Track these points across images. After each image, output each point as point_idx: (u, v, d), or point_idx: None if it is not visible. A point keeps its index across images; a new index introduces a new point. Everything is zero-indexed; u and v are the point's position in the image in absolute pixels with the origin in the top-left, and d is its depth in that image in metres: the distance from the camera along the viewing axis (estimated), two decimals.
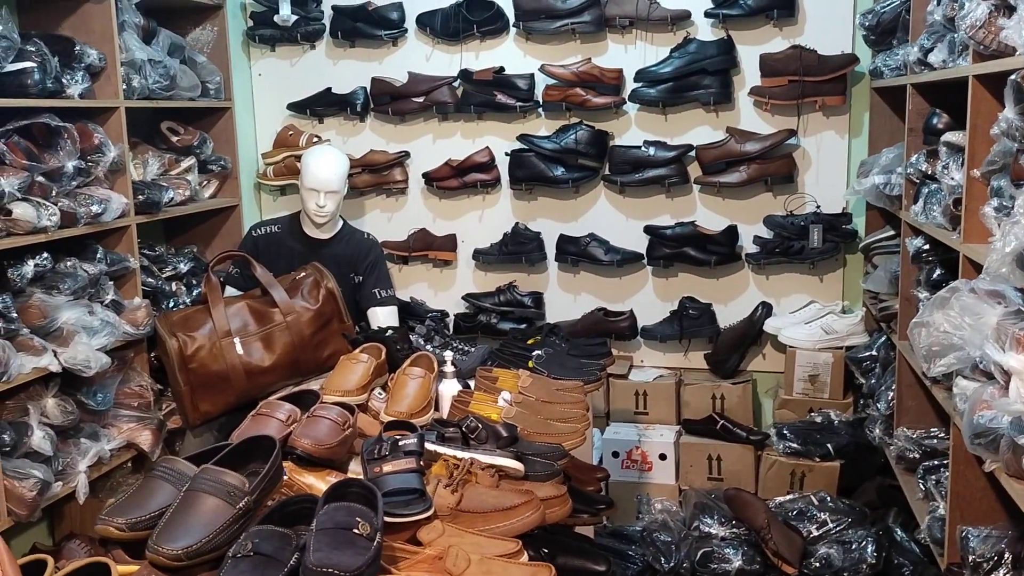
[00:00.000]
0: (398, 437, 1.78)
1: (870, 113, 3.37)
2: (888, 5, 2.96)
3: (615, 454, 3.46)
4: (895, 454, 2.76)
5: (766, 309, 3.49)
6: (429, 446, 1.88)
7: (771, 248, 3.44)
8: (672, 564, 2.96)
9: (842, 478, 3.24)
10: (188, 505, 1.49)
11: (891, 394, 2.90)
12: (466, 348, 2.91)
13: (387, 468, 1.71)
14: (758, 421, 3.62)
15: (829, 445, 3.24)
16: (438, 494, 1.72)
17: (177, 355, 2.87)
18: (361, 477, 1.79)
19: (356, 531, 1.41)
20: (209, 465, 1.57)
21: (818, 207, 3.43)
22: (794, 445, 3.25)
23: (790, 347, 3.37)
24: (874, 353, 3.18)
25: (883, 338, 3.16)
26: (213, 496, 1.51)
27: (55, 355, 2.60)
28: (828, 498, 3.10)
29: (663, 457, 3.43)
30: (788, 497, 3.14)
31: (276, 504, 1.57)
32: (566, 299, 3.76)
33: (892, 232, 3.23)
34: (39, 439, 2.57)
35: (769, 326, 3.45)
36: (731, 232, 3.50)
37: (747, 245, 3.55)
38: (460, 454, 1.86)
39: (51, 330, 2.64)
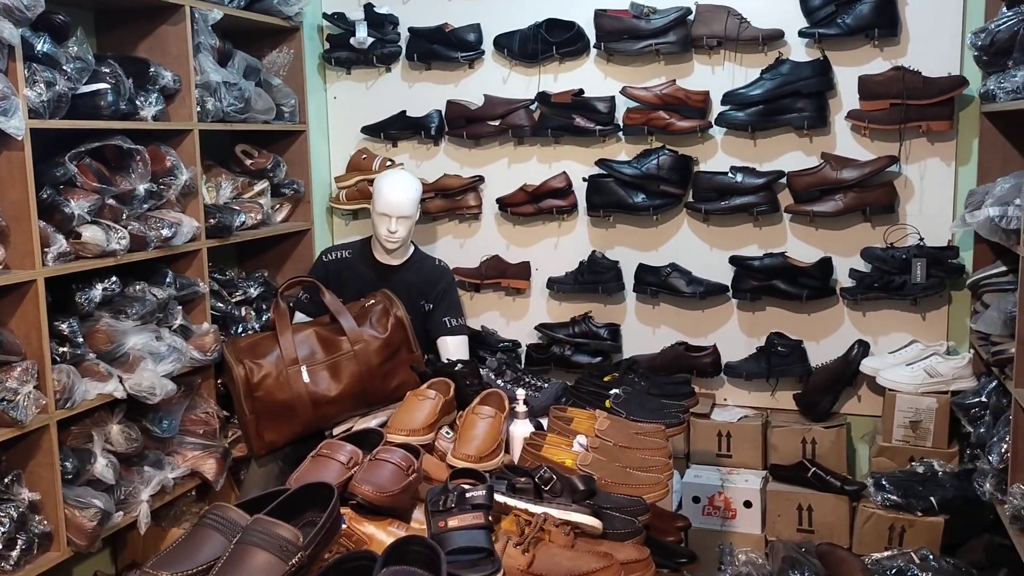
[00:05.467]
0: (466, 487, 1.64)
1: (980, 139, 3.11)
2: (1004, 23, 2.72)
3: (696, 499, 3.25)
4: (1010, 513, 2.50)
5: (863, 348, 3.24)
6: (499, 497, 1.73)
7: (869, 282, 3.20)
8: None
9: (946, 535, 2.96)
10: (237, 560, 1.38)
11: (1004, 446, 2.63)
12: (539, 383, 2.75)
13: (453, 523, 1.57)
14: (852, 469, 3.37)
15: (932, 498, 2.97)
16: (507, 554, 1.57)
17: (243, 383, 2.81)
18: (424, 531, 1.65)
19: None
20: (262, 516, 1.45)
21: (921, 239, 3.18)
22: (894, 497, 2.99)
23: (889, 390, 3.11)
24: (984, 399, 2.91)
25: (994, 383, 2.89)
26: (264, 551, 1.39)
27: (120, 381, 2.55)
28: (931, 556, 2.83)
29: (748, 505, 3.20)
30: (886, 554, 2.87)
31: (332, 561, 1.45)
32: (644, 332, 3.58)
33: (1004, 268, 2.97)
34: (102, 467, 2.52)
35: (866, 366, 3.20)
36: (825, 264, 3.27)
37: (842, 279, 3.32)
38: (533, 508, 1.71)
39: (117, 355, 2.59)
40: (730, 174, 3.31)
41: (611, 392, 2.57)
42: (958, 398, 3.00)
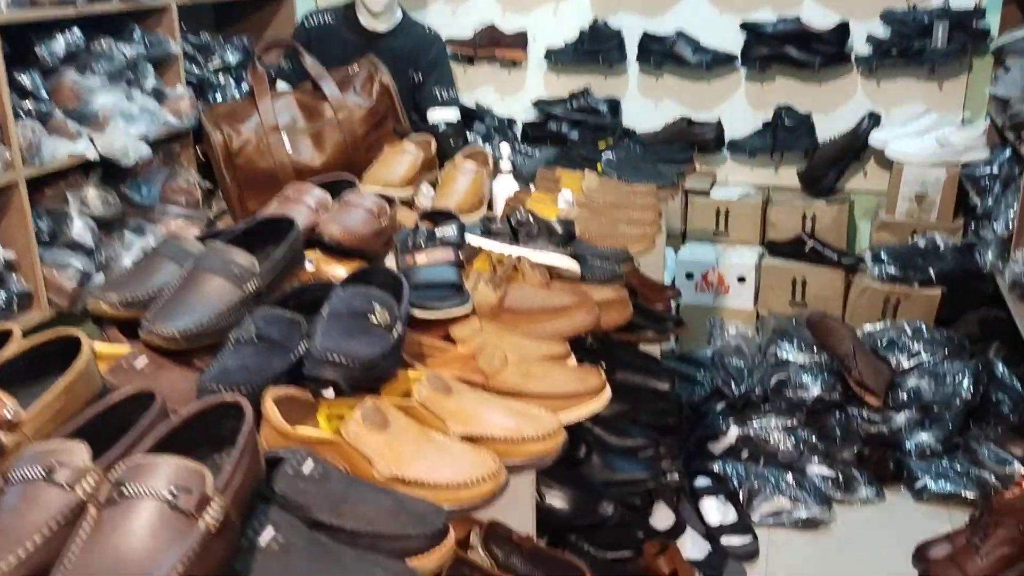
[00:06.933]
0: (435, 226, 1.56)
1: None
2: None
3: (689, 275, 3.20)
4: (1010, 280, 2.44)
5: (873, 120, 3.08)
6: (472, 240, 1.66)
7: (886, 49, 2.99)
8: (743, 390, 2.76)
9: (942, 308, 2.92)
10: (190, 285, 1.32)
11: (1012, 212, 2.54)
12: (530, 151, 2.63)
13: (421, 259, 1.50)
14: (852, 246, 3.29)
15: (931, 270, 2.90)
16: (479, 291, 1.51)
17: (223, 150, 2.69)
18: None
19: (373, 318, 1.22)
20: (215, 242, 1.38)
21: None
22: (891, 270, 2.93)
23: (897, 162, 2.98)
24: (995, 171, 2.79)
25: (1007, 152, 2.75)
26: (218, 276, 1.33)
27: (91, 141, 2.44)
28: (923, 328, 2.81)
29: (742, 280, 3.16)
30: (879, 326, 2.86)
31: (292, 290, 1.39)
32: (646, 106, 3.40)
33: None
34: (79, 229, 2.46)
35: (875, 139, 3.05)
36: (842, 30, 3.05)
37: (858, 46, 3.10)
38: (507, 249, 1.64)
39: (86, 114, 2.47)
40: None
41: (603, 155, 2.46)
42: (968, 169, 2.88)
